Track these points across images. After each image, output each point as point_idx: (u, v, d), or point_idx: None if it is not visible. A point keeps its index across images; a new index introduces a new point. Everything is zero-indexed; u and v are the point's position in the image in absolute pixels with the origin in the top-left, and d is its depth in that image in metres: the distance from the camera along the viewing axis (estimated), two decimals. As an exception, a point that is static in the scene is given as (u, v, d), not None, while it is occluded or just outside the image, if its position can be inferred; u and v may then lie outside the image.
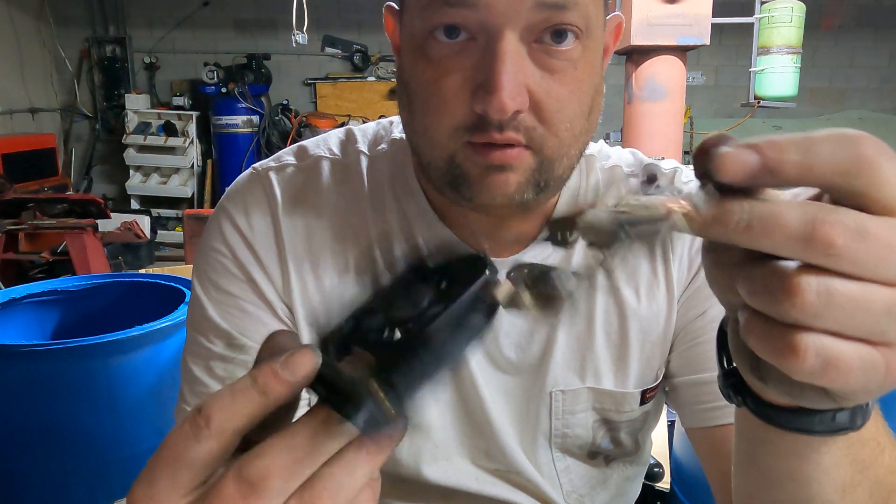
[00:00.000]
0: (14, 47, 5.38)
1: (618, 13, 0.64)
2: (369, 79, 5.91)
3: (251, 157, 5.55)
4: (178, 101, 5.75)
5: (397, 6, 0.62)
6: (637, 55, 3.27)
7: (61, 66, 5.89)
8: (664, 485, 1.40)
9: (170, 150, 5.64)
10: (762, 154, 0.27)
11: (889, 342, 0.28)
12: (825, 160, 0.27)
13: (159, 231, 5.37)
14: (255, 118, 5.59)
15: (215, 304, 0.67)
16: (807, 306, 0.27)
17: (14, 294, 1.81)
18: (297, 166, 0.70)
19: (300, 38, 4.08)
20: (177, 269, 2.41)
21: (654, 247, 0.32)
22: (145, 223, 4.71)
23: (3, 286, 3.14)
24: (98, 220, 3.62)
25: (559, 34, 0.53)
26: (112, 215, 4.09)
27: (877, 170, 0.27)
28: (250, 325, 0.66)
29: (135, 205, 5.66)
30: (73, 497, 1.56)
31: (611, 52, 0.63)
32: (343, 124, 1.65)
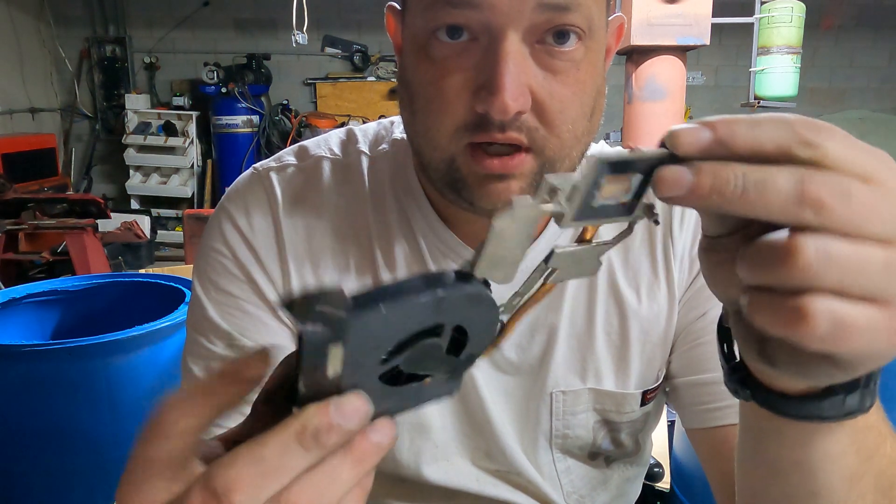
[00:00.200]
0: (14, 47, 5.37)
1: (619, 14, 0.64)
2: (369, 79, 5.91)
3: (251, 157, 5.55)
4: (178, 101, 5.75)
5: (399, 6, 0.62)
6: (637, 55, 3.27)
7: (61, 66, 5.88)
8: (664, 485, 1.40)
9: (170, 150, 5.63)
10: (714, 128, 0.29)
11: (889, 300, 0.28)
12: (769, 135, 0.29)
13: (159, 231, 5.36)
14: (255, 118, 5.58)
15: (216, 304, 0.67)
16: (808, 265, 0.27)
17: (14, 294, 1.81)
18: (297, 166, 0.70)
19: (300, 38, 4.08)
20: (177, 269, 2.41)
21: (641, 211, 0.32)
22: (145, 223, 4.70)
23: (3, 286, 3.14)
24: (98, 220, 3.62)
25: (562, 35, 0.53)
26: (112, 215, 4.09)
27: (817, 145, 0.29)
28: (251, 325, 0.66)
29: (135, 205, 5.66)
30: (73, 497, 1.56)
31: (613, 52, 0.63)
32: (343, 124, 1.65)
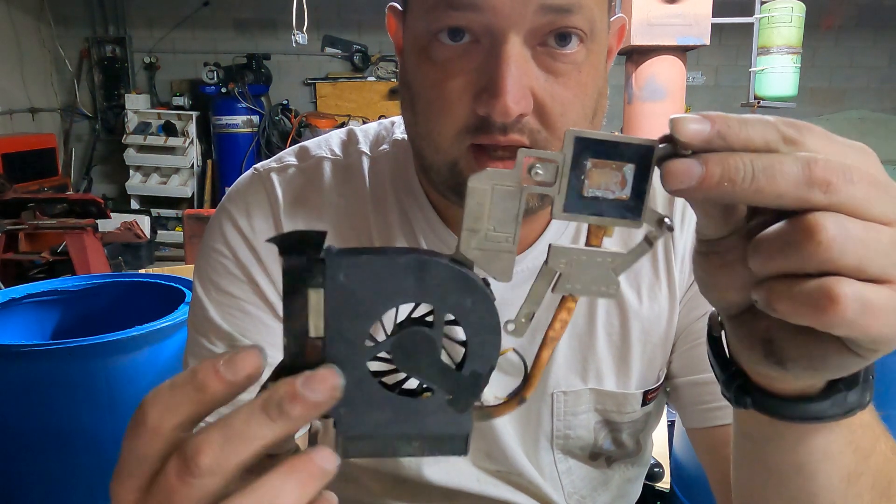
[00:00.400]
0: (14, 47, 5.37)
1: (621, 15, 0.64)
2: (369, 79, 5.91)
3: (251, 157, 5.55)
4: (178, 101, 5.75)
5: (400, 7, 0.62)
6: (637, 55, 3.28)
7: (61, 66, 5.88)
8: (664, 485, 1.40)
9: (170, 150, 5.63)
10: (713, 121, 0.30)
11: None
12: (758, 131, 0.30)
13: (159, 231, 5.36)
14: (255, 118, 5.58)
15: (217, 305, 0.67)
16: (831, 241, 0.28)
17: (14, 294, 1.81)
18: (298, 167, 0.70)
19: (300, 38, 4.09)
20: (177, 269, 2.40)
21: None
22: (145, 223, 4.70)
23: (3, 286, 3.14)
24: (98, 220, 3.62)
25: (563, 37, 0.53)
26: (112, 215, 4.09)
27: (800, 142, 0.30)
28: (252, 326, 0.66)
29: (135, 205, 5.66)
30: (73, 497, 1.56)
31: (614, 54, 0.63)
32: (343, 124, 1.65)
